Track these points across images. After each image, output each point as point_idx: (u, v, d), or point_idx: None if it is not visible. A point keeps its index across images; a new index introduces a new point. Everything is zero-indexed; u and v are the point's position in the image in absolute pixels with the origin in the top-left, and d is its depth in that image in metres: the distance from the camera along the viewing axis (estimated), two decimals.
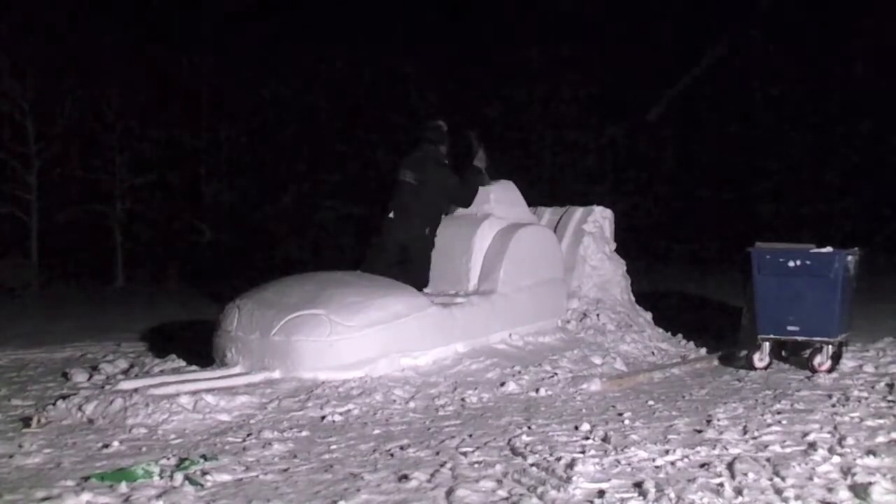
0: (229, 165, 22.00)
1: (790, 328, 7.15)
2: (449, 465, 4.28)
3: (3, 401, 6.17)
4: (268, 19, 22.22)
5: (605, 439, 4.76)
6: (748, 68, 23.79)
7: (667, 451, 4.44)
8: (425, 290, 7.48)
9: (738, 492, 3.75)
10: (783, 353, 7.58)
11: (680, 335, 8.65)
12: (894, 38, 21.20)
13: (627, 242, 10.39)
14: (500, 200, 8.05)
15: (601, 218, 8.84)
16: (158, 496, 3.84)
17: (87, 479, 4.15)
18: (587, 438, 4.81)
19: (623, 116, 23.58)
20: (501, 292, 7.47)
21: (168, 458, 4.51)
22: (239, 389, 6.01)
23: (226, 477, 4.15)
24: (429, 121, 8.30)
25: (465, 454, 4.51)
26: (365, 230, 8.25)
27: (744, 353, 7.44)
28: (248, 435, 5.04)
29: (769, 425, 5.05)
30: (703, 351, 8.17)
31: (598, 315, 8.15)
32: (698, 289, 13.98)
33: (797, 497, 3.69)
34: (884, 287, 13.51)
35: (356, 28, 22.70)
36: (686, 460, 4.29)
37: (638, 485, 3.87)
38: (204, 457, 4.51)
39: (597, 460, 4.28)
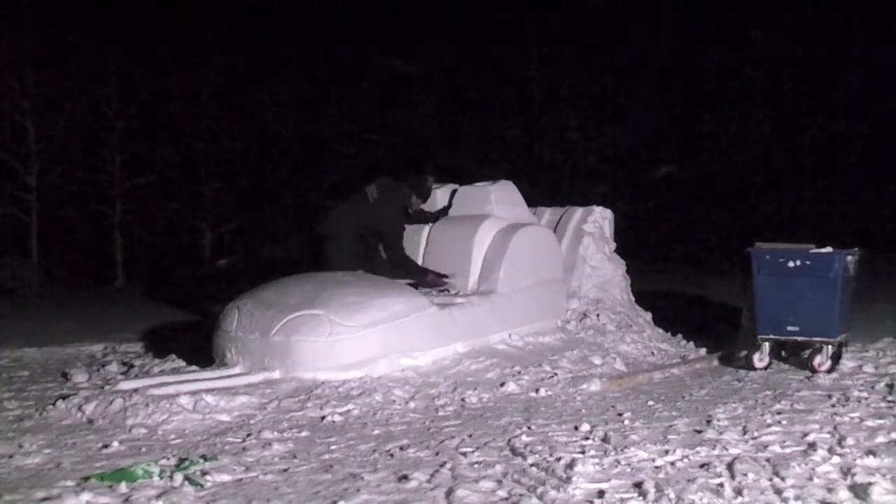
0: (229, 165, 21.98)
1: (790, 328, 7.15)
2: (449, 466, 4.28)
3: (3, 401, 6.17)
4: (268, 19, 22.22)
5: (605, 439, 4.76)
6: (748, 68, 23.79)
7: (667, 452, 4.44)
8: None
9: (738, 492, 3.75)
10: (783, 353, 7.58)
11: (680, 335, 8.65)
12: (894, 37, 21.21)
13: (627, 242, 10.39)
14: (500, 200, 8.06)
15: (601, 218, 8.84)
16: (158, 496, 3.84)
17: (87, 479, 4.16)
18: (587, 438, 4.81)
19: (623, 116, 23.59)
20: (501, 292, 7.47)
21: (168, 458, 4.51)
22: (239, 389, 6.02)
23: (226, 477, 4.15)
24: (422, 174, 8.48)
25: (465, 454, 4.51)
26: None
27: (744, 353, 7.44)
28: (248, 435, 5.04)
29: (769, 425, 5.05)
30: (703, 351, 8.17)
31: (598, 315, 8.15)
32: (698, 289, 13.98)
33: (797, 497, 3.69)
34: (884, 287, 13.50)
35: (357, 27, 22.71)
36: (686, 460, 4.29)
37: (638, 485, 3.87)
38: (204, 457, 4.51)
39: (597, 460, 4.28)
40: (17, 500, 3.88)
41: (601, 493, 3.77)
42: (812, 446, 4.51)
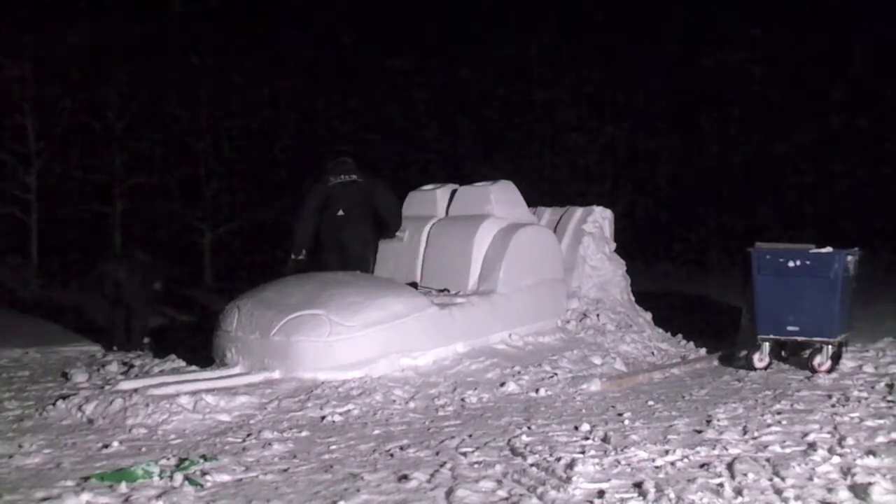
0: (229, 165, 21.98)
1: (790, 328, 7.16)
2: (449, 465, 4.28)
3: (3, 401, 6.17)
4: (268, 18, 22.23)
5: (605, 439, 4.76)
6: (748, 67, 23.78)
7: (667, 451, 4.44)
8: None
9: (738, 492, 3.75)
10: (783, 353, 7.58)
11: (680, 335, 8.66)
12: (894, 36, 21.21)
13: (627, 242, 10.39)
14: (500, 200, 8.06)
15: (601, 218, 8.84)
16: (158, 496, 3.84)
17: (87, 479, 4.16)
18: (587, 438, 4.81)
19: (623, 116, 23.60)
20: (501, 292, 7.47)
21: (168, 458, 4.51)
22: (239, 389, 6.02)
23: (226, 477, 4.15)
24: (338, 156, 8.61)
25: (465, 454, 4.51)
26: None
27: (744, 353, 7.44)
28: (248, 435, 5.04)
29: (769, 425, 5.06)
30: (703, 351, 8.17)
31: (598, 315, 8.15)
32: (698, 289, 13.98)
33: (797, 497, 3.69)
34: (884, 287, 13.50)
35: (356, 27, 22.71)
36: (686, 460, 4.29)
37: (638, 485, 3.87)
38: (204, 457, 4.51)
39: (597, 460, 4.28)
40: (17, 500, 3.88)
41: (601, 493, 3.77)
42: (812, 446, 4.51)
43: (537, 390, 6.22)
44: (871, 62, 22.55)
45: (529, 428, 5.10)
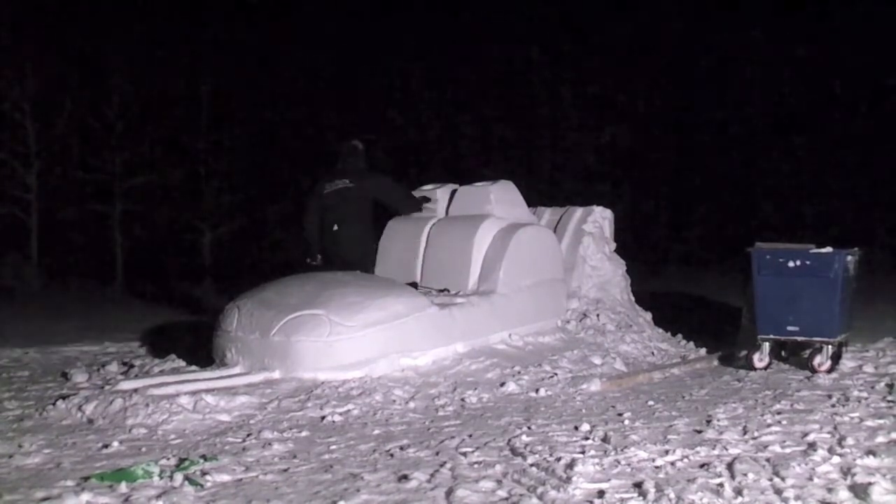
0: (229, 165, 22.00)
1: (790, 328, 7.15)
2: (449, 465, 4.28)
3: (3, 401, 6.17)
4: (268, 18, 22.25)
5: (605, 439, 4.76)
6: (748, 68, 23.80)
7: (667, 452, 4.44)
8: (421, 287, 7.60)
9: (738, 492, 3.75)
10: (783, 353, 7.58)
11: (680, 335, 8.66)
12: (892, 36, 21.22)
13: (627, 242, 10.39)
14: (500, 200, 8.05)
15: (601, 218, 8.84)
16: (158, 496, 3.84)
17: (87, 479, 4.15)
18: (587, 438, 4.81)
19: (623, 116, 23.62)
20: (501, 292, 7.47)
21: (168, 458, 4.51)
22: (239, 389, 6.01)
23: (225, 477, 4.15)
24: (344, 141, 8.52)
25: (465, 454, 4.51)
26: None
27: (744, 353, 7.44)
28: (248, 435, 5.04)
29: (769, 425, 5.05)
30: (703, 351, 8.17)
31: (598, 315, 8.15)
32: (698, 289, 13.98)
33: (797, 497, 3.69)
34: (884, 287, 13.51)
35: (357, 27, 22.73)
36: (686, 460, 4.29)
37: (638, 485, 3.87)
38: (204, 457, 4.51)
39: (597, 460, 4.28)
40: (17, 500, 3.88)
41: (601, 493, 3.77)
42: (812, 446, 4.51)
43: (537, 390, 6.22)
44: (871, 62, 22.54)
45: (529, 428, 5.10)
